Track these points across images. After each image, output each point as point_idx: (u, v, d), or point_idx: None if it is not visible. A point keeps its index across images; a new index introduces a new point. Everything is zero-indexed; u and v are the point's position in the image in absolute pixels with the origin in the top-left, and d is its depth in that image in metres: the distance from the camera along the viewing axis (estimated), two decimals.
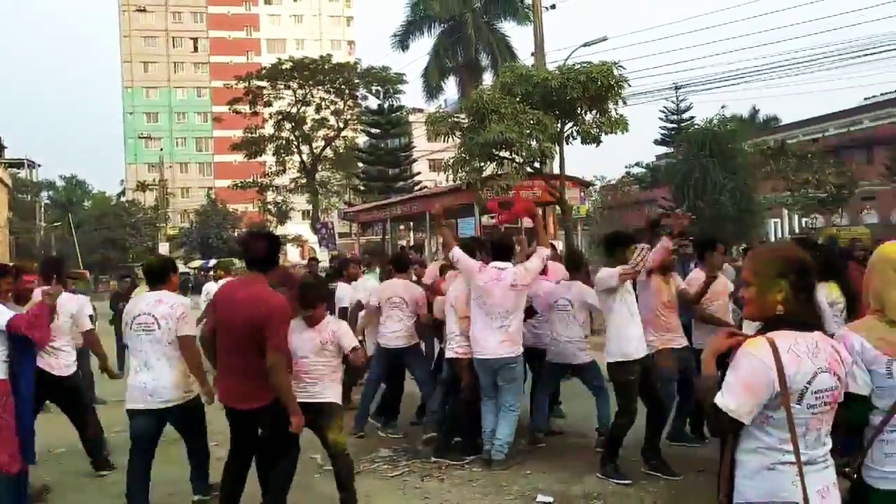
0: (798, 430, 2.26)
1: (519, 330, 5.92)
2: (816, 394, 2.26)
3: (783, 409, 2.24)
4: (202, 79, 76.48)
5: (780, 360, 2.24)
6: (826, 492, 2.29)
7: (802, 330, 2.31)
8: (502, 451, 5.85)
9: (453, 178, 16.80)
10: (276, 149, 43.41)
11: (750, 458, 2.32)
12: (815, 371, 2.26)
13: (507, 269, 5.86)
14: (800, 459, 2.25)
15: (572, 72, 14.55)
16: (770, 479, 2.27)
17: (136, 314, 4.83)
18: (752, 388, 2.25)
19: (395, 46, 33.97)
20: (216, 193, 61.70)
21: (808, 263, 2.41)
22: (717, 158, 24.43)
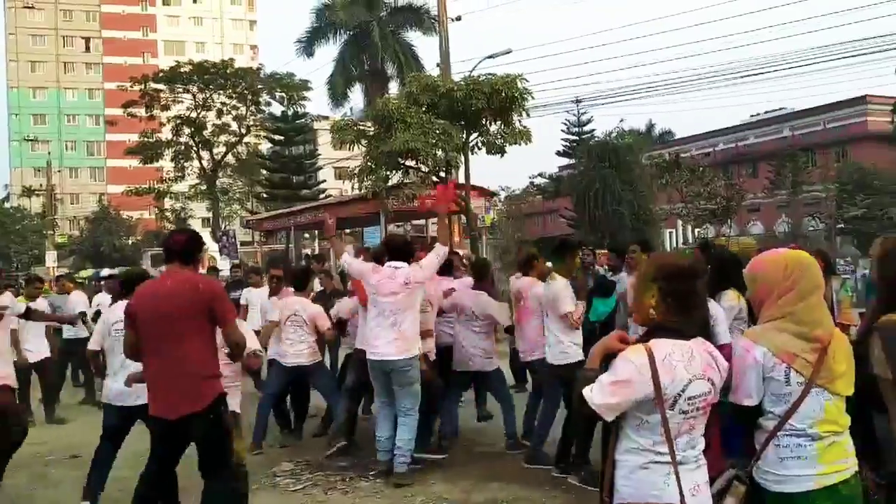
0: (669, 434, 2.34)
1: (413, 331, 5.71)
2: (689, 400, 2.34)
3: (658, 414, 2.32)
4: (94, 80, 73.08)
5: (655, 369, 2.31)
6: (697, 489, 2.37)
7: (678, 338, 2.38)
8: (405, 461, 5.69)
9: (359, 187, 16.69)
10: (174, 154, 41.90)
11: (626, 458, 2.39)
12: (689, 379, 2.33)
13: (402, 267, 5.76)
14: (675, 460, 2.33)
15: (477, 83, 14.74)
16: (644, 478, 2.35)
17: (115, 321, 5.10)
18: (621, 392, 2.32)
19: (299, 53, 33.51)
20: (109, 200, 59.07)
21: (681, 270, 2.44)
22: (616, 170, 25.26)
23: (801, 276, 2.61)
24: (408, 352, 5.65)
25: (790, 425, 2.55)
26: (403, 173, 16.20)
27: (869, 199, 32.33)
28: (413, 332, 5.71)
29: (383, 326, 5.65)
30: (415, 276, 5.71)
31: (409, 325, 5.67)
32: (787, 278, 2.61)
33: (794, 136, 44.46)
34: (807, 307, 2.59)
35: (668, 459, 2.34)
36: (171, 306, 3.90)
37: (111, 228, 52.20)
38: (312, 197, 37.98)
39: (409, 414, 5.73)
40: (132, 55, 69.92)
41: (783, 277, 2.62)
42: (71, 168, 70.88)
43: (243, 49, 72.03)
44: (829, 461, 2.53)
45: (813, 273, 2.64)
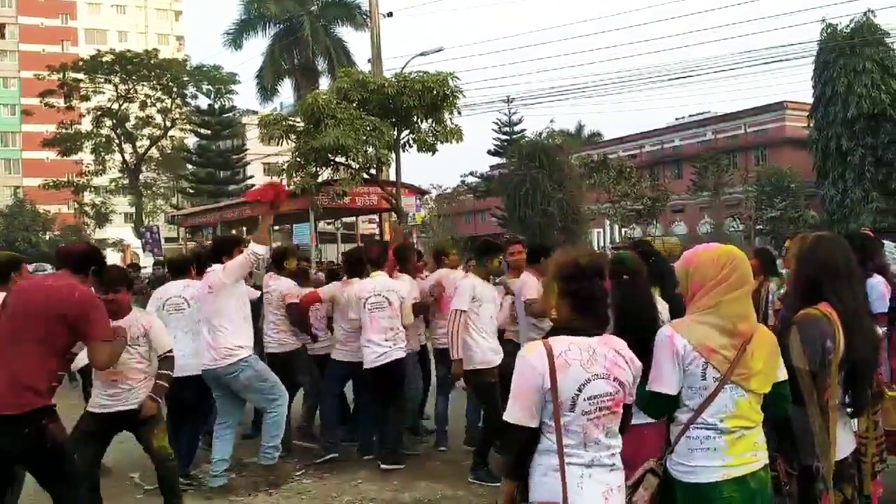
0: (576, 435, 2.35)
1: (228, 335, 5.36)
2: (590, 400, 2.35)
3: (565, 415, 2.34)
4: (9, 68, 69.69)
5: (553, 364, 2.32)
6: (610, 493, 2.39)
7: (579, 336, 2.39)
8: (270, 454, 5.59)
9: (288, 183, 16.40)
10: (94, 146, 40.40)
11: (540, 459, 2.40)
12: (587, 378, 2.34)
13: (212, 270, 5.56)
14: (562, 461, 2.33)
15: (409, 80, 14.69)
16: (555, 480, 2.35)
17: (168, 298, 5.79)
18: (524, 392, 2.35)
19: (227, 45, 32.70)
20: (25, 193, 56.47)
21: (578, 269, 2.45)
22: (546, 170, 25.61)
23: (733, 270, 2.66)
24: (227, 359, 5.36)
25: (702, 419, 2.60)
26: (333, 170, 16.01)
27: (785, 202, 33.70)
28: (227, 337, 5.36)
29: (202, 334, 5.48)
30: (215, 281, 5.43)
31: (222, 332, 5.36)
32: (718, 272, 2.66)
33: (717, 139, 45.95)
34: (733, 300, 2.64)
35: (580, 461, 2.35)
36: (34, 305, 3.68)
37: (26, 223, 49.93)
38: (240, 192, 37.20)
39: (267, 412, 5.58)
40: (50, 43, 66.97)
41: (716, 271, 2.66)
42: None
43: (168, 40, 69.94)
44: (737, 453, 2.59)
45: (744, 269, 2.70)
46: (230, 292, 5.45)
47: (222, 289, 5.40)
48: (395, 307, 5.87)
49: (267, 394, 5.55)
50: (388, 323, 5.85)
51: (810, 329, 2.90)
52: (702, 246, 2.84)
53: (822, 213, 31.11)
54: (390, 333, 5.85)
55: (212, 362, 5.39)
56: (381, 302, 5.86)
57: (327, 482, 5.67)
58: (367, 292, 5.89)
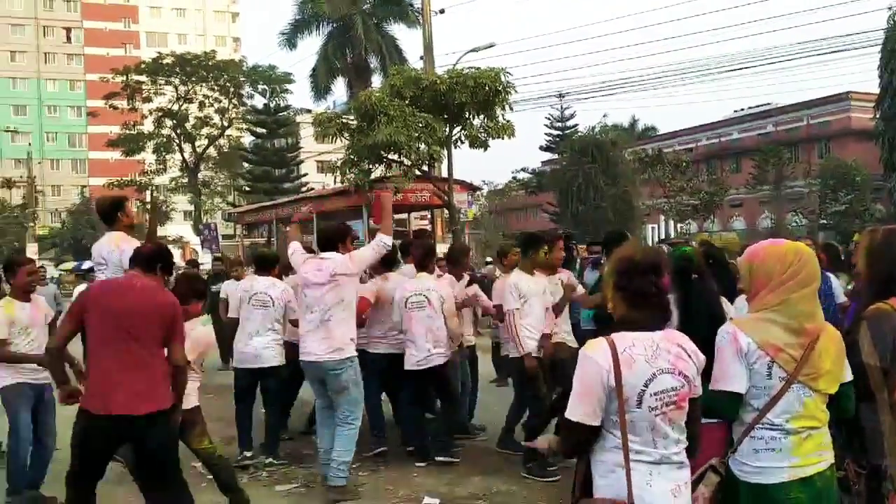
0: (645, 432, 2.32)
1: (344, 327, 5.24)
2: (657, 395, 2.31)
3: (630, 410, 2.30)
4: (76, 71, 72.20)
5: (617, 361, 2.29)
6: (678, 490, 2.35)
7: (642, 330, 2.36)
8: (342, 474, 5.21)
9: (341, 180, 16.59)
10: (156, 146, 41.60)
11: (603, 457, 2.37)
12: (652, 373, 2.31)
13: (332, 258, 5.31)
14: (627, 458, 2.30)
15: (461, 76, 14.66)
16: (621, 477, 2.31)
17: (255, 292, 6.16)
18: (588, 390, 2.31)
19: (282, 45, 33.24)
20: (91, 192, 58.50)
21: (633, 264, 2.42)
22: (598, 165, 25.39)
23: (801, 267, 2.59)
24: (338, 354, 5.18)
25: (767, 419, 2.54)
26: (386, 167, 16.09)
27: (851, 196, 32.64)
28: (344, 331, 5.23)
29: (313, 325, 5.23)
30: (342, 270, 5.22)
31: (336, 323, 5.19)
32: (785, 269, 2.59)
33: (778, 131, 44.74)
34: (800, 298, 2.57)
35: (648, 458, 2.32)
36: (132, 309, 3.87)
37: (92, 221, 51.68)
38: (294, 190, 37.78)
39: (347, 422, 5.27)
40: (114, 46, 69.13)
41: (782, 268, 2.60)
42: (52, 160, 70.04)
43: (226, 41, 71.45)
44: (803, 454, 2.53)
45: (812, 266, 2.63)
46: (353, 282, 5.42)
47: (349, 278, 5.30)
48: (434, 307, 5.87)
49: (355, 403, 5.34)
50: (428, 323, 5.86)
51: (881, 324, 2.81)
52: (768, 241, 2.77)
53: (890, 206, 30.03)
54: (430, 335, 5.86)
55: (322, 354, 5.19)
56: (421, 301, 5.89)
57: (382, 475, 5.73)
58: (409, 292, 5.93)
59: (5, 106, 69.65)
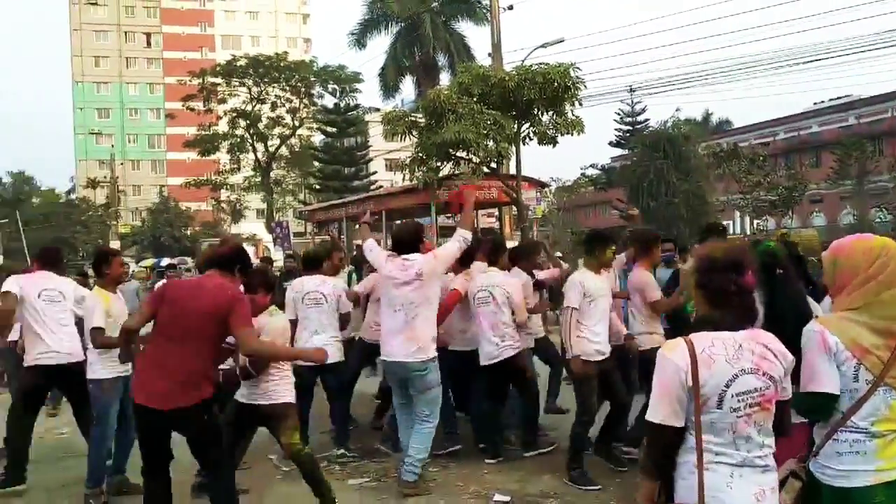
0: (726, 433, 2.26)
1: (428, 326, 5.25)
2: (739, 396, 2.25)
3: (713, 412, 2.25)
4: (155, 74, 74.92)
5: (695, 361, 2.24)
6: (762, 495, 2.28)
7: (724, 329, 2.30)
8: (414, 470, 5.23)
9: (409, 178, 16.70)
10: (230, 147, 42.79)
11: (684, 458, 2.32)
12: (734, 373, 2.25)
13: (416, 258, 5.29)
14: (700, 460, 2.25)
15: (529, 72, 14.57)
16: (704, 479, 2.26)
17: (307, 292, 6.19)
18: (667, 391, 2.27)
19: (351, 45, 33.74)
20: (169, 191, 60.63)
21: (714, 262, 2.37)
22: (671, 161, 24.84)
23: (887, 264, 2.49)
24: (422, 354, 5.19)
25: (851, 422, 2.46)
26: (454, 164, 16.13)
27: None
28: (427, 330, 5.23)
29: (396, 324, 5.22)
30: (428, 269, 5.21)
31: (422, 323, 5.20)
32: (871, 263, 2.50)
33: (860, 124, 42.91)
34: (891, 298, 2.47)
35: (730, 460, 2.26)
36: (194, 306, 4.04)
37: (170, 219, 53.55)
38: (363, 188, 38.31)
39: (426, 420, 5.31)
40: (191, 50, 71.48)
41: (868, 264, 2.50)
42: (133, 160, 72.85)
43: (297, 42, 72.89)
44: (888, 457, 2.44)
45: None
46: (438, 281, 5.43)
47: (434, 276, 5.30)
48: (498, 302, 5.87)
49: (434, 402, 5.36)
50: (492, 318, 5.87)
51: None
52: (854, 235, 2.68)
53: None
54: (497, 330, 5.87)
55: (408, 355, 5.18)
56: (486, 297, 5.91)
57: (452, 472, 5.75)
58: (476, 287, 5.99)
59: (90, 109, 72.85)
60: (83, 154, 71.45)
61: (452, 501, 5.16)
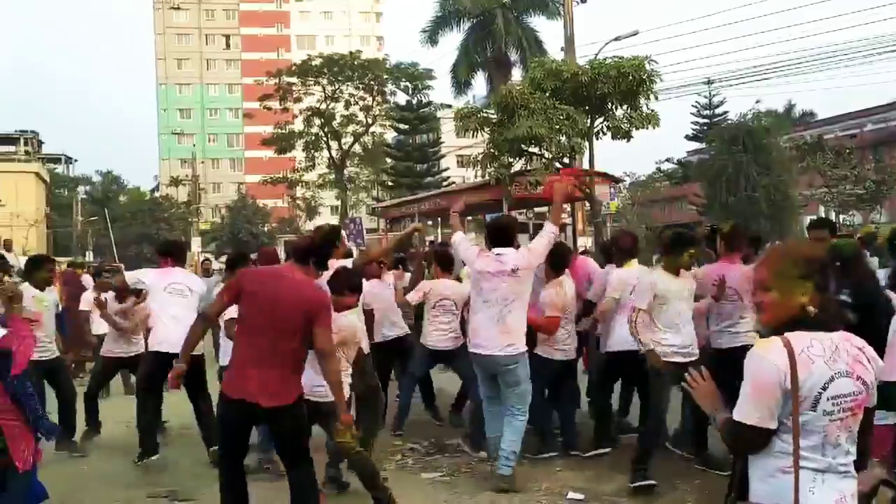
0: (815, 437, 2.19)
1: (521, 322, 5.26)
2: (834, 399, 2.18)
3: (801, 414, 2.18)
4: (234, 75, 77.16)
5: (794, 362, 2.17)
6: (843, 502, 2.22)
7: (820, 330, 2.23)
8: (509, 464, 5.24)
9: (482, 174, 16.74)
10: (305, 144, 43.67)
11: (764, 460, 2.26)
12: (831, 375, 2.18)
13: (508, 253, 5.28)
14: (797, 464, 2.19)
15: (603, 66, 14.40)
16: (784, 482, 2.21)
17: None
18: (764, 392, 2.20)
19: (424, 42, 33.93)
20: (247, 189, 62.28)
21: (827, 262, 2.34)
22: (750, 154, 24.12)
23: None
24: (515, 348, 5.20)
25: None
26: (526, 160, 16.09)
27: None
28: (520, 325, 5.24)
29: (490, 319, 5.21)
30: (524, 263, 5.21)
31: (516, 318, 5.20)
32: None
33: None
34: None
35: (814, 465, 2.20)
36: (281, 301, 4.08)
37: (248, 216, 55.03)
38: (435, 184, 38.53)
39: (516, 414, 5.30)
40: (268, 50, 73.27)
41: None
42: (213, 159, 75.15)
43: (370, 41, 73.75)
44: None
45: None
46: (531, 276, 5.41)
47: (529, 272, 5.31)
48: None
49: (524, 396, 5.35)
50: None
51: None
52: None
53: None
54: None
55: (499, 349, 5.17)
56: None
57: (525, 468, 5.72)
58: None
59: (173, 110, 75.61)
60: (166, 153, 74.16)
61: (527, 499, 5.15)
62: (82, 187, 74.07)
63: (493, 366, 5.28)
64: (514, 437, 5.26)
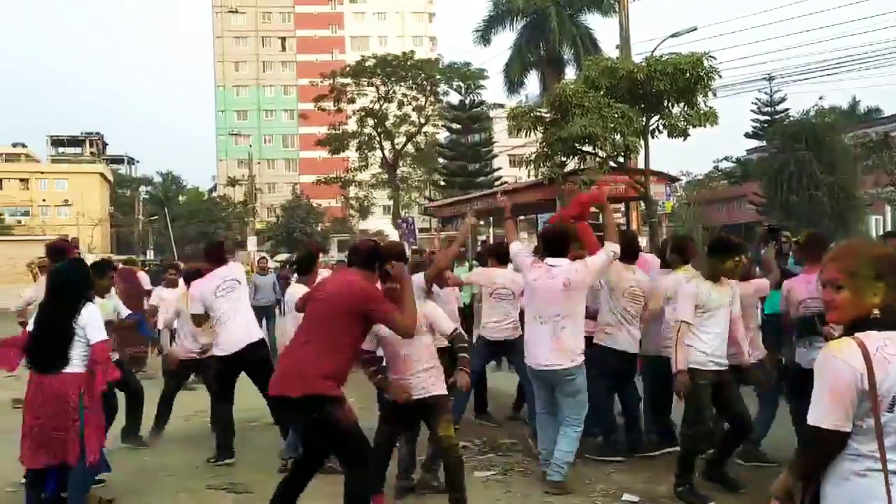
0: (892, 438, 2.13)
1: (576, 336, 5.19)
2: None
3: (872, 416, 2.12)
4: (289, 77, 78.48)
5: (870, 362, 2.10)
6: None
7: (891, 330, 2.16)
8: (560, 471, 5.22)
9: (534, 174, 16.64)
10: (358, 145, 44.09)
11: (838, 464, 2.19)
12: None
13: (560, 266, 5.20)
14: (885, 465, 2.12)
15: (659, 63, 14.16)
16: (858, 487, 2.15)
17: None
18: (839, 394, 2.13)
19: (476, 41, 33.88)
20: (301, 189, 63.23)
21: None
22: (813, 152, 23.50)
23: None
24: (569, 361, 5.14)
25: None
26: (580, 159, 15.93)
27: None
28: (576, 338, 5.18)
29: (543, 333, 5.16)
30: (576, 278, 5.11)
31: (570, 332, 5.13)
32: None
33: None
34: None
35: (892, 467, 2.13)
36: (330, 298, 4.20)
37: (303, 216, 55.87)
38: (488, 184, 38.48)
39: (572, 424, 5.25)
40: (322, 52, 74.28)
41: None
42: (268, 160, 76.57)
43: (422, 41, 74.12)
44: None
45: None
46: (585, 291, 5.32)
47: (582, 287, 5.21)
48: None
49: (581, 407, 5.32)
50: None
51: None
52: None
53: None
54: None
55: (556, 362, 5.15)
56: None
57: (578, 469, 5.67)
58: None
59: (230, 112, 77.29)
60: (224, 154, 75.84)
61: (581, 500, 5.12)
62: (144, 187, 76.45)
63: (551, 377, 5.24)
64: (568, 448, 5.22)
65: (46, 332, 4.47)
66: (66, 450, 4.33)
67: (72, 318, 4.41)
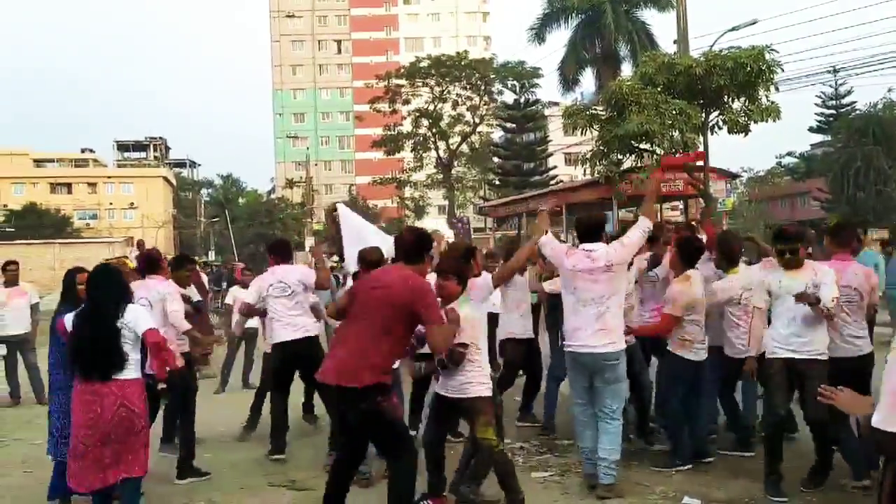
0: None
1: (619, 318, 5.15)
2: None
3: None
4: (345, 79, 79.45)
5: None
6: None
7: None
8: (611, 472, 5.10)
9: (591, 172, 16.50)
10: (413, 145, 44.35)
11: None
12: None
13: (598, 249, 5.14)
14: None
15: (719, 58, 13.90)
16: None
17: None
18: None
19: (531, 40, 33.67)
20: (357, 189, 63.96)
21: None
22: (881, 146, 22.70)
23: None
24: (614, 345, 5.07)
25: None
26: (637, 157, 15.74)
27: None
28: (619, 321, 5.16)
29: (585, 317, 5.08)
30: (617, 258, 5.07)
31: (614, 314, 5.09)
32: None
33: None
34: None
35: None
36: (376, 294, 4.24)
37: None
38: (543, 183, 38.26)
39: (613, 417, 5.14)
40: (377, 54, 75.01)
41: None
42: (325, 161, 77.70)
43: (476, 41, 74.10)
44: None
45: None
46: (626, 271, 5.36)
47: (624, 266, 5.22)
48: None
49: (620, 396, 5.25)
50: None
51: None
52: None
53: None
54: None
55: (600, 345, 5.05)
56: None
57: (636, 472, 5.62)
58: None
59: (287, 115, 78.73)
60: (281, 156, 77.24)
61: (640, 500, 5.06)
62: (205, 190, 78.43)
63: (593, 363, 5.11)
64: (611, 444, 5.11)
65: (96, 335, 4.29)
66: (131, 463, 4.25)
67: (116, 319, 4.32)
